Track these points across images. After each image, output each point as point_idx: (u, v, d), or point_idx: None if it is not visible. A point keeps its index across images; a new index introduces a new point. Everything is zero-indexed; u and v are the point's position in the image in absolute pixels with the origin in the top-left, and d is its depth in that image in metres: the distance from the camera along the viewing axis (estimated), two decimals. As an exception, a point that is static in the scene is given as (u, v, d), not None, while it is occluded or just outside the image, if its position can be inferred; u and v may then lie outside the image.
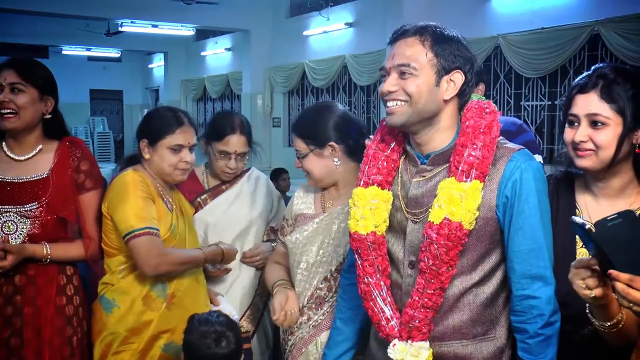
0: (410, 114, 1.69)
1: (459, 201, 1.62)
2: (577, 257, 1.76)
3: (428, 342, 1.72)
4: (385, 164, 1.82)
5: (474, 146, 1.66)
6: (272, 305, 2.22)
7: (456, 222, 1.62)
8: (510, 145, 1.73)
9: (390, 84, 1.71)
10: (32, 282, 2.27)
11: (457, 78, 1.70)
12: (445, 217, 1.63)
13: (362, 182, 1.83)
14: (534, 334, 1.65)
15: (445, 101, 1.71)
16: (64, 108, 2.45)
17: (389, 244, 1.82)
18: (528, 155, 1.70)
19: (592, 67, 1.78)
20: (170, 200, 2.43)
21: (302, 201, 2.39)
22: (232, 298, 2.67)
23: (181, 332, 2.18)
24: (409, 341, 1.72)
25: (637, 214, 1.71)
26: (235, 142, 2.67)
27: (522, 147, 1.73)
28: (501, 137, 1.74)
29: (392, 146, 1.84)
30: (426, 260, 1.67)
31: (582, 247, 1.76)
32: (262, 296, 2.75)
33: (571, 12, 7.54)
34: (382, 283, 1.79)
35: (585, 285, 1.38)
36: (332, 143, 2.24)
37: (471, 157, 1.65)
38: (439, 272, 1.66)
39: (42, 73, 2.32)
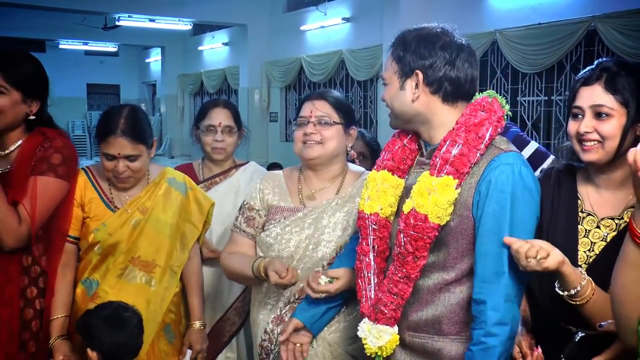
0: (393, 119, 1.83)
1: (427, 194, 1.65)
2: (578, 247, 1.78)
3: (395, 328, 1.76)
4: (400, 151, 1.88)
5: (454, 143, 1.67)
6: (275, 269, 2.02)
7: (422, 214, 1.64)
8: (504, 146, 1.71)
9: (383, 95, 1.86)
10: None
11: (419, 78, 1.73)
12: (412, 208, 1.67)
13: (376, 165, 1.91)
14: (476, 341, 1.63)
15: (414, 101, 1.74)
16: (61, 102, 2.41)
17: (393, 228, 1.85)
18: (515, 158, 1.67)
19: (596, 62, 1.81)
20: (120, 198, 2.35)
21: (272, 191, 2.28)
22: (219, 290, 2.69)
23: None
24: (375, 322, 1.77)
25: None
26: (218, 114, 2.73)
27: (513, 150, 1.71)
28: (502, 139, 1.73)
29: (410, 136, 1.89)
30: (396, 248, 1.72)
31: (583, 237, 1.79)
32: (250, 290, 2.76)
33: (568, 7, 7.55)
34: (373, 264, 1.83)
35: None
36: (355, 128, 2.27)
37: (448, 154, 1.66)
38: (405, 260, 1.69)
39: (29, 74, 2.22)
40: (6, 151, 2.25)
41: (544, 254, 1.53)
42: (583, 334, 1.60)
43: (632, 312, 1.25)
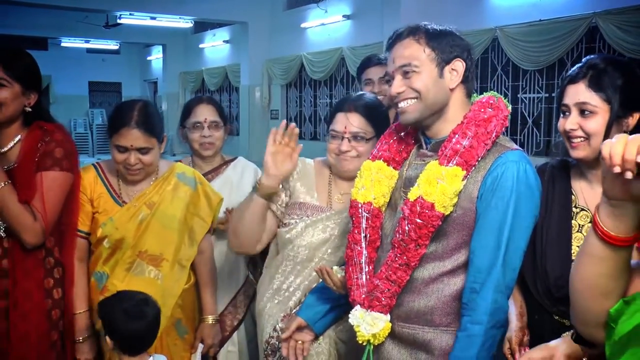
0: (422, 109, 1.74)
1: (435, 182, 1.67)
2: (572, 241, 1.80)
3: (388, 316, 1.77)
4: (396, 144, 1.89)
5: (464, 135, 1.70)
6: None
7: (429, 202, 1.66)
8: (509, 144, 1.75)
9: (397, 85, 1.75)
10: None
11: (458, 66, 1.74)
12: (419, 196, 1.68)
13: (371, 155, 1.91)
14: (462, 327, 1.67)
15: (452, 90, 1.75)
16: (63, 100, 2.43)
17: (385, 219, 1.86)
18: (521, 156, 1.70)
19: (584, 59, 1.83)
20: (128, 193, 2.39)
21: (301, 181, 2.26)
22: (219, 284, 2.67)
23: None
24: (369, 310, 1.78)
25: None
26: (203, 110, 2.75)
27: (517, 148, 1.74)
28: (505, 137, 1.77)
29: (408, 129, 1.89)
30: (398, 235, 1.73)
31: (577, 231, 1.81)
32: (251, 284, 2.77)
33: (569, 4, 7.55)
34: (364, 252, 1.84)
35: None
36: None
37: (458, 145, 1.69)
38: (407, 248, 1.70)
39: (27, 67, 2.28)
40: (5, 148, 2.27)
41: None
42: None
43: (596, 306, 1.24)
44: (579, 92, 1.76)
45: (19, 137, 2.28)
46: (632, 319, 1.12)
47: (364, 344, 1.81)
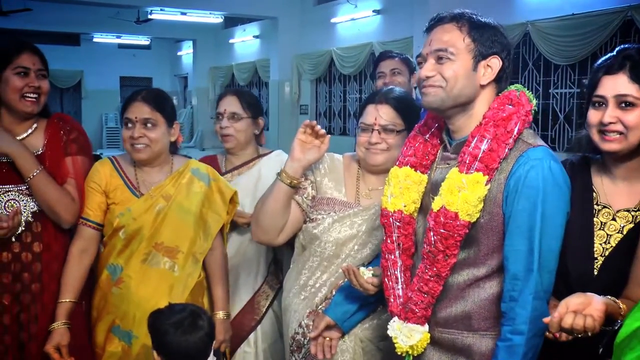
0: (444, 98, 1.68)
1: (456, 192, 1.62)
2: (594, 239, 1.77)
3: (426, 327, 1.73)
4: (422, 147, 1.84)
5: (483, 138, 1.64)
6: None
7: (452, 212, 1.61)
8: (532, 140, 1.68)
9: (427, 69, 1.70)
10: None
11: (495, 63, 1.69)
12: (442, 206, 1.64)
13: (398, 162, 1.87)
14: (503, 337, 1.62)
15: (482, 86, 1.70)
16: (95, 95, 2.57)
17: (417, 225, 1.83)
18: (545, 153, 1.64)
19: (616, 49, 1.78)
20: (146, 185, 2.42)
21: (329, 176, 2.24)
22: (237, 284, 2.67)
23: (128, 319, 2.31)
24: (405, 321, 1.75)
25: None
26: (224, 101, 2.72)
27: (541, 144, 1.68)
28: (529, 132, 1.70)
29: (432, 130, 1.85)
30: (425, 246, 1.69)
31: (599, 229, 1.78)
32: (271, 285, 2.74)
33: (603, -3, 7.42)
34: (399, 261, 1.81)
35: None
36: None
37: (476, 149, 1.63)
38: (436, 259, 1.66)
39: None
40: (22, 135, 2.37)
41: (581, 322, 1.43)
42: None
43: None
44: (618, 84, 1.70)
45: (35, 126, 2.41)
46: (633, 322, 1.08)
47: (403, 355, 1.78)
